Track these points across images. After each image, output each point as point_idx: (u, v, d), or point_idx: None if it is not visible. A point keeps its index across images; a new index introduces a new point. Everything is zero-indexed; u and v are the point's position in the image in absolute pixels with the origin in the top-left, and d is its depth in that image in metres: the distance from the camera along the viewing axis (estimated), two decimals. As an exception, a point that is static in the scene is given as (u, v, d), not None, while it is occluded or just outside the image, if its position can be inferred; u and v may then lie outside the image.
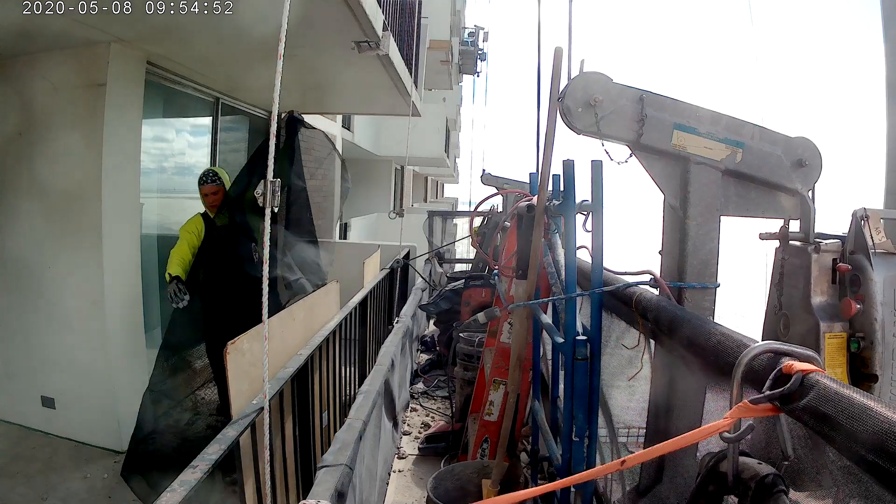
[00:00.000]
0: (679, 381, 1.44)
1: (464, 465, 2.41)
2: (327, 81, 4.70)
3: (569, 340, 1.43)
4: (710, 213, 1.48)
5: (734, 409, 0.86)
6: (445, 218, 8.21)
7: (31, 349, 3.44)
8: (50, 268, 3.32)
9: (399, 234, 5.45)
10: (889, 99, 3.67)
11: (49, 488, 2.97)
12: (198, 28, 3.04)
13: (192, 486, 1.31)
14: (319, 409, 2.54)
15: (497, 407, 2.67)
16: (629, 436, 2.12)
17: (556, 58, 1.51)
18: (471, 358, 3.61)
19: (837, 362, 1.45)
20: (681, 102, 1.47)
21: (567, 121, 1.48)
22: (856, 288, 1.46)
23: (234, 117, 5.36)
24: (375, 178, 13.70)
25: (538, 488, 1.33)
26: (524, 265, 1.78)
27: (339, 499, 1.74)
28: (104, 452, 3.36)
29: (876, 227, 1.47)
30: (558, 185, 1.62)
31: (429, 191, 26.82)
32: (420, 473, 3.29)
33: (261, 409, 1.68)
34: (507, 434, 2.07)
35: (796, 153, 1.50)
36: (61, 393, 3.44)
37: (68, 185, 3.22)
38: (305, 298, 3.06)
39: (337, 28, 3.20)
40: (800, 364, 0.82)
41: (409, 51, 5.22)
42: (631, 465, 1.35)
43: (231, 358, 1.92)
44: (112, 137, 3.30)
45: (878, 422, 0.68)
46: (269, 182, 1.38)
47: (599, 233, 1.42)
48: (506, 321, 2.60)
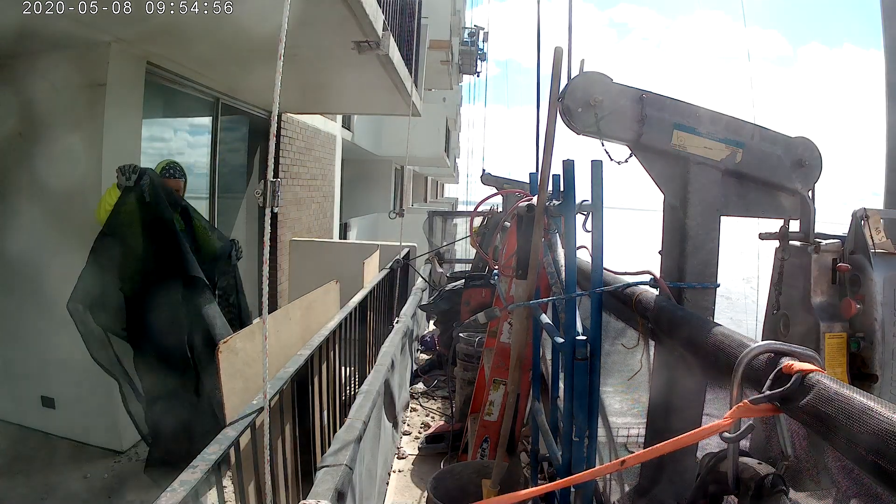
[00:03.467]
0: (679, 381, 1.44)
1: (464, 465, 2.41)
2: (327, 81, 4.70)
3: (569, 340, 1.42)
4: (710, 213, 1.48)
5: (734, 409, 0.86)
6: (445, 218, 8.20)
7: (31, 349, 3.44)
8: (50, 268, 3.32)
9: (399, 234, 5.45)
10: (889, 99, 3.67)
11: (49, 488, 2.97)
12: (198, 28, 3.04)
13: (193, 486, 1.31)
14: (319, 409, 2.53)
15: (497, 407, 2.67)
16: (629, 436, 2.12)
17: (556, 58, 1.51)
18: (471, 358, 3.61)
19: (837, 362, 1.45)
20: (681, 102, 1.47)
21: (567, 121, 1.47)
22: (856, 288, 1.46)
23: (234, 117, 5.36)
24: (375, 178, 13.70)
25: (538, 488, 1.33)
26: (524, 265, 1.78)
27: (339, 499, 1.74)
28: (104, 452, 3.36)
29: (876, 227, 1.48)
30: (558, 185, 1.62)
31: (429, 191, 26.83)
32: (420, 473, 3.29)
33: (260, 409, 1.68)
34: (507, 434, 2.07)
35: (796, 153, 1.50)
36: (61, 393, 3.44)
37: (68, 185, 3.21)
38: (303, 298, 3.05)
39: (337, 28, 3.20)
40: (800, 364, 0.82)
41: (409, 51, 5.22)
42: (631, 465, 1.35)
43: (223, 357, 1.92)
44: (112, 137, 3.30)
45: (878, 422, 0.68)
46: (270, 182, 1.38)
47: (599, 233, 1.42)
48: (506, 321, 2.60)
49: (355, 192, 12.17)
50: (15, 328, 3.48)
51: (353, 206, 11.62)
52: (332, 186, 8.19)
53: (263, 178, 1.36)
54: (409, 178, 17.61)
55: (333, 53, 3.73)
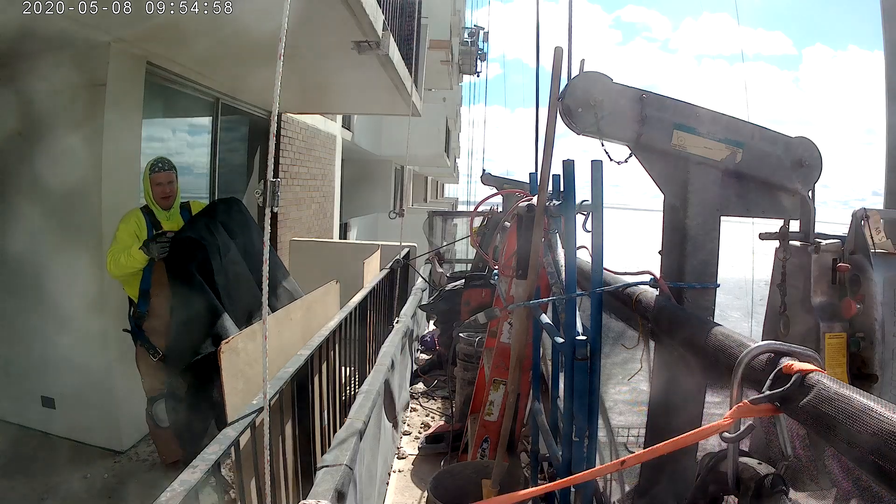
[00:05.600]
0: (679, 381, 1.44)
1: (464, 465, 2.41)
2: (327, 81, 4.70)
3: (569, 340, 1.42)
4: (710, 213, 1.48)
5: (734, 409, 0.86)
6: (445, 218, 8.20)
7: (31, 349, 3.44)
8: (50, 268, 3.32)
9: (399, 234, 5.44)
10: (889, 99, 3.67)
11: (49, 488, 2.97)
12: (198, 28, 3.03)
13: (193, 486, 1.31)
14: (319, 409, 2.53)
15: (497, 407, 2.67)
16: (629, 436, 2.12)
17: (556, 58, 1.51)
18: (471, 358, 3.61)
19: (837, 362, 1.45)
20: (681, 102, 1.47)
21: (567, 121, 1.47)
22: (856, 288, 1.46)
23: (234, 117, 5.36)
24: (375, 178, 13.70)
25: (538, 488, 1.33)
26: (524, 265, 1.78)
27: (339, 499, 1.74)
28: (104, 452, 3.36)
29: (876, 227, 1.48)
30: (558, 185, 1.62)
31: (429, 191, 26.83)
32: (420, 473, 3.29)
33: (260, 409, 1.68)
34: (507, 434, 2.07)
35: (796, 153, 1.50)
36: (61, 393, 3.44)
37: (68, 185, 3.21)
38: (304, 298, 3.05)
39: (337, 28, 3.20)
40: (800, 364, 0.82)
41: (409, 51, 5.22)
42: (631, 465, 1.35)
43: (225, 357, 1.92)
44: (112, 137, 3.30)
45: (878, 422, 0.68)
46: (269, 182, 1.38)
47: (599, 233, 1.42)
48: (506, 321, 2.59)
49: (355, 192, 12.17)
50: (15, 328, 3.48)
51: (353, 206, 11.62)
52: (332, 186, 8.19)
53: (263, 178, 1.36)
54: (409, 178, 17.62)
55: (333, 53, 3.73)
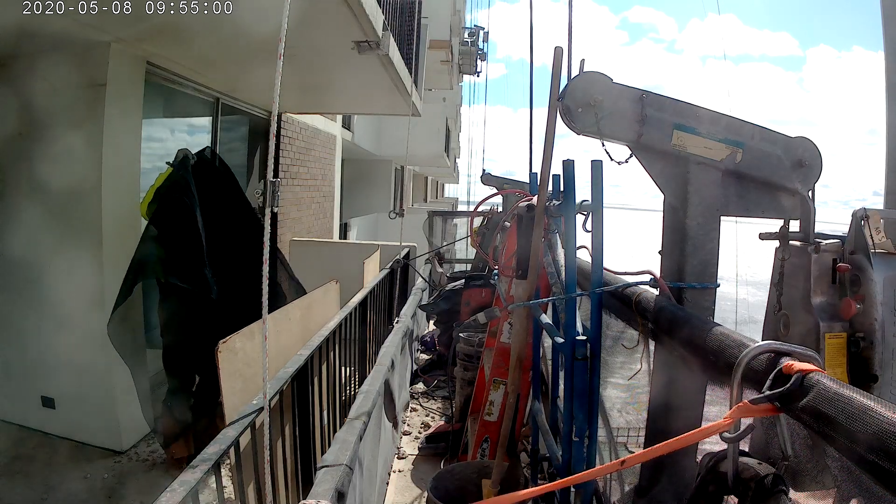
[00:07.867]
0: (679, 381, 1.44)
1: (464, 465, 2.40)
2: (327, 81, 4.70)
3: (569, 340, 1.42)
4: (710, 213, 1.48)
5: (734, 409, 0.86)
6: (445, 218, 8.20)
7: (31, 349, 3.44)
8: (50, 268, 3.32)
9: (399, 234, 5.44)
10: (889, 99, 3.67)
11: (49, 488, 2.97)
12: (198, 28, 3.03)
13: (192, 486, 1.31)
14: (319, 409, 2.53)
15: (497, 407, 2.67)
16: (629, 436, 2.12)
17: (556, 58, 1.51)
18: (471, 358, 3.61)
19: (837, 362, 1.45)
20: (681, 102, 1.47)
21: (567, 121, 1.47)
22: (856, 288, 1.46)
23: (234, 117, 5.36)
24: (375, 178, 13.68)
25: (538, 488, 1.33)
26: (524, 265, 1.78)
27: (339, 499, 1.74)
28: (104, 452, 3.36)
29: (876, 227, 1.47)
30: (558, 185, 1.62)
31: (429, 191, 26.82)
32: (420, 473, 3.29)
33: (260, 409, 1.68)
34: (507, 434, 2.07)
35: (796, 153, 1.50)
36: (61, 393, 3.44)
37: (68, 185, 3.22)
38: (303, 298, 3.05)
39: (337, 28, 3.20)
40: (800, 364, 0.82)
41: (409, 51, 5.22)
42: (631, 465, 1.35)
43: (223, 357, 1.92)
44: (112, 137, 3.30)
45: (879, 422, 0.68)
46: (269, 182, 1.38)
47: (599, 233, 1.42)
48: (506, 321, 2.59)
49: (355, 192, 12.16)
50: (15, 328, 3.48)
51: (353, 206, 11.61)
52: (332, 186, 8.19)
53: (263, 178, 1.37)
54: (409, 178, 17.61)
55: (333, 53, 3.73)
